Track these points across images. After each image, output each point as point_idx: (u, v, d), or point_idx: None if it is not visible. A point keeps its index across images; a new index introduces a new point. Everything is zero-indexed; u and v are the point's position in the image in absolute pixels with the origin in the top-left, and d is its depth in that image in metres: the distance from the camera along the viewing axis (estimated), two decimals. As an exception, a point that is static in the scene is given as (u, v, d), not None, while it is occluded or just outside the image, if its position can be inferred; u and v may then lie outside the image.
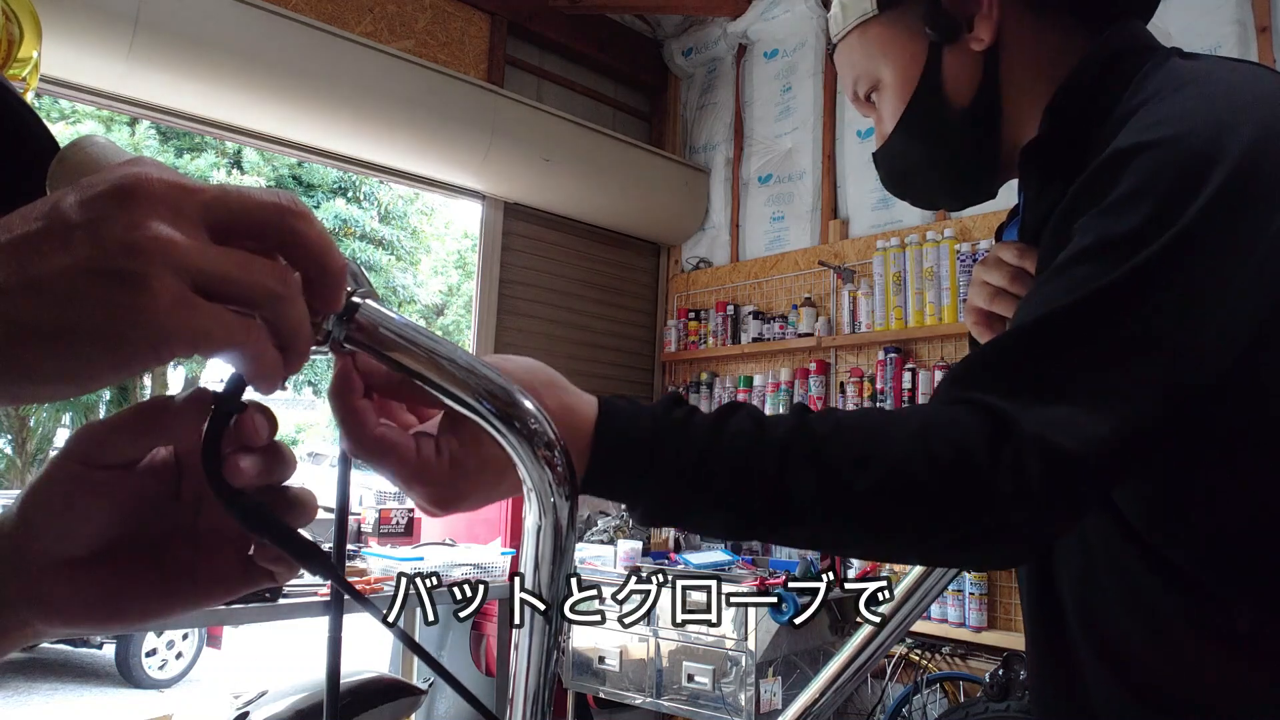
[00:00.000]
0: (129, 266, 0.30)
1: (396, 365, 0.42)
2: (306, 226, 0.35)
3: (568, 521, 0.47)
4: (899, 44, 0.86)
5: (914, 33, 0.85)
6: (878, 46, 0.87)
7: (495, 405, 0.43)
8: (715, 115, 5.13)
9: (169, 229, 0.31)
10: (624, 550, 3.09)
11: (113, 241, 0.30)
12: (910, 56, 0.85)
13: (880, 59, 0.87)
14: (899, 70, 0.86)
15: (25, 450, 12.98)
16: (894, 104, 0.87)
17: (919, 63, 0.84)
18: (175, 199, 0.32)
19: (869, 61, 0.88)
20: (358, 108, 3.75)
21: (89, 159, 0.38)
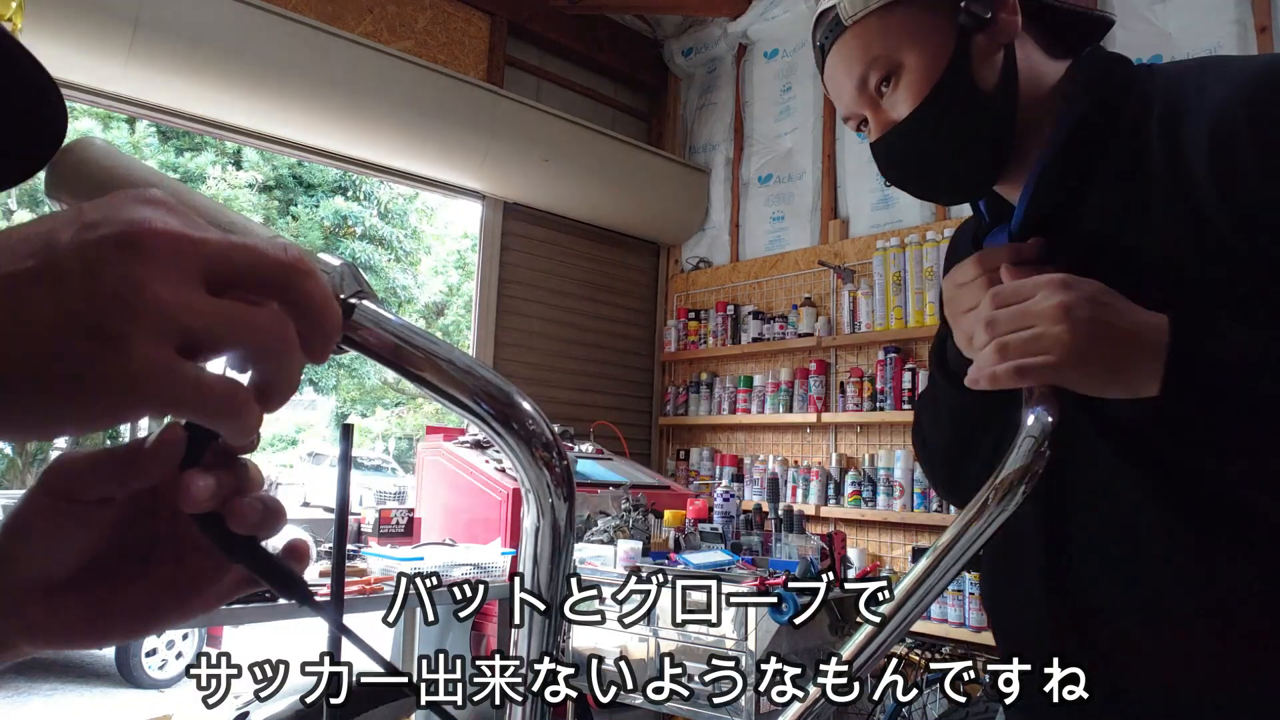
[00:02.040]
0: (115, 325, 0.29)
1: (393, 366, 0.42)
2: (312, 285, 0.34)
3: (565, 522, 0.47)
4: (927, 26, 0.86)
5: (941, 17, 0.86)
6: (904, 29, 0.87)
7: (493, 406, 0.43)
8: (715, 115, 5.13)
9: (165, 287, 0.30)
10: (624, 550, 3.09)
11: (104, 298, 0.29)
12: (940, 38, 0.86)
13: (906, 41, 0.87)
14: (929, 51, 0.86)
15: (25, 450, 12.98)
16: (919, 85, 0.87)
17: (949, 45, 0.86)
18: (178, 252, 0.31)
19: (891, 44, 0.87)
20: (358, 107, 3.75)
21: (85, 161, 0.38)
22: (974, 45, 0.86)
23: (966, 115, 0.87)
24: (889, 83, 0.89)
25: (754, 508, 3.52)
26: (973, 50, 0.86)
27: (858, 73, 0.90)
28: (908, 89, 0.88)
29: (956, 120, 0.87)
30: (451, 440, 3.82)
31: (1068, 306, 0.71)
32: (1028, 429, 0.72)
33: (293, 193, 12.59)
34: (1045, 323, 0.71)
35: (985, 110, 0.87)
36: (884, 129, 0.90)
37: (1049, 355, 0.71)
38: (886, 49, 0.88)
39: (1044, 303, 0.72)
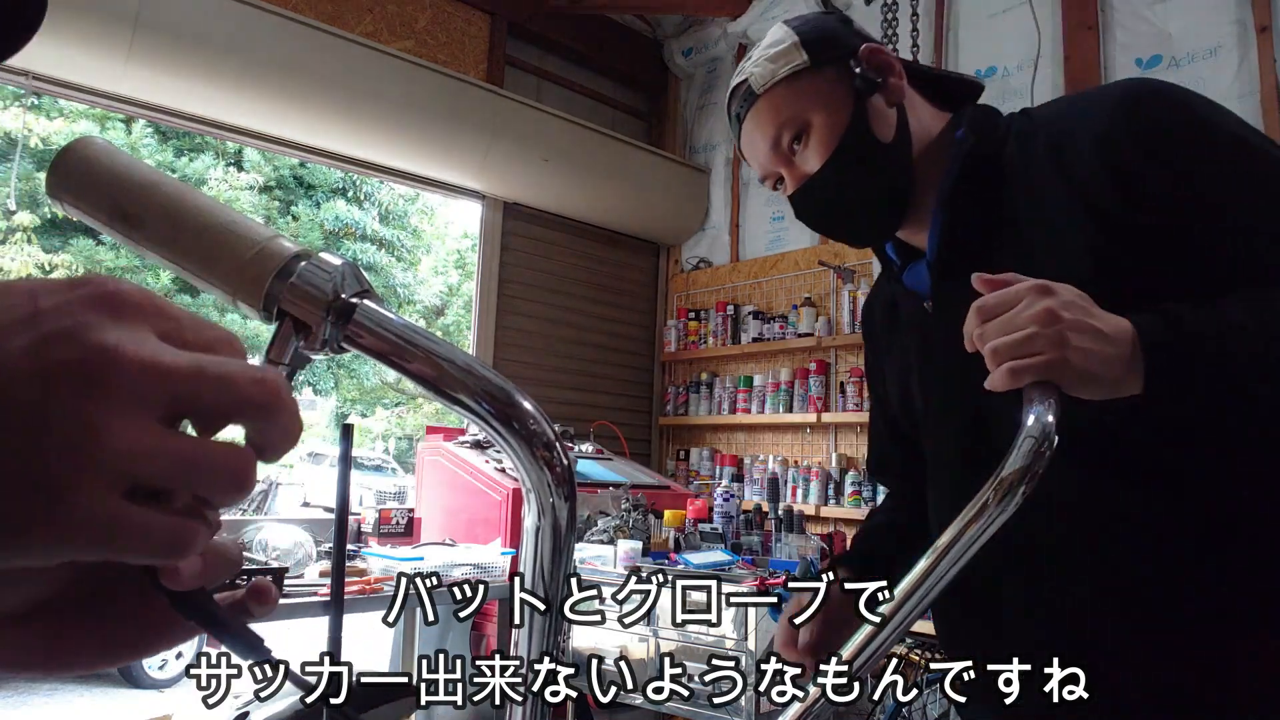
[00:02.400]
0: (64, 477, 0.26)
1: (395, 366, 0.42)
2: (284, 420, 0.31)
3: (566, 522, 0.47)
4: (829, 91, 1.00)
5: (841, 83, 1.01)
6: (809, 94, 1.00)
7: (494, 406, 0.43)
8: (715, 115, 5.13)
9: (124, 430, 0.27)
10: (624, 550, 3.09)
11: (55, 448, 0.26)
12: (841, 101, 1.00)
13: (812, 104, 1.00)
14: (832, 112, 0.99)
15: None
16: (827, 141, 0.99)
17: (849, 106, 1.00)
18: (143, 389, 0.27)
19: (800, 106, 1.00)
20: (358, 108, 3.75)
21: (87, 160, 0.38)
22: (870, 106, 1.00)
23: (870, 164, 1.00)
24: (800, 140, 1.01)
25: (754, 508, 3.53)
26: (869, 110, 1.00)
27: (771, 134, 1.02)
28: (817, 145, 1.00)
29: (861, 169, 1.00)
30: (451, 440, 3.82)
31: (1054, 310, 0.74)
32: (1028, 429, 0.72)
33: (293, 193, 12.59)
34: (1035, 325, 0.73)
35: (886, 159, 1.00)
36: (799, 182, 1.03)
37: (1042, 355, 0.73)
38: (795, 112, 1.01)
39: (1031, 308, 0.74)
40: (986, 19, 4.00)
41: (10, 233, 9.88)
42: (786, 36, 1.03)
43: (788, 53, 1.01)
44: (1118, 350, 0.75)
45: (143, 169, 0.39)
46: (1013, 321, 0.75)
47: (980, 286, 0.79)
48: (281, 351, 0.40)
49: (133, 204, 0.38)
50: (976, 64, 4.00)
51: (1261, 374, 0.78)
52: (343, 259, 0.41)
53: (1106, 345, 0.75)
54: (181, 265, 0.40)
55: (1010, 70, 3.90)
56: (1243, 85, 3.23)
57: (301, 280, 0.40)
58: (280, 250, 0.40)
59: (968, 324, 0.78)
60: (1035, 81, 3.76)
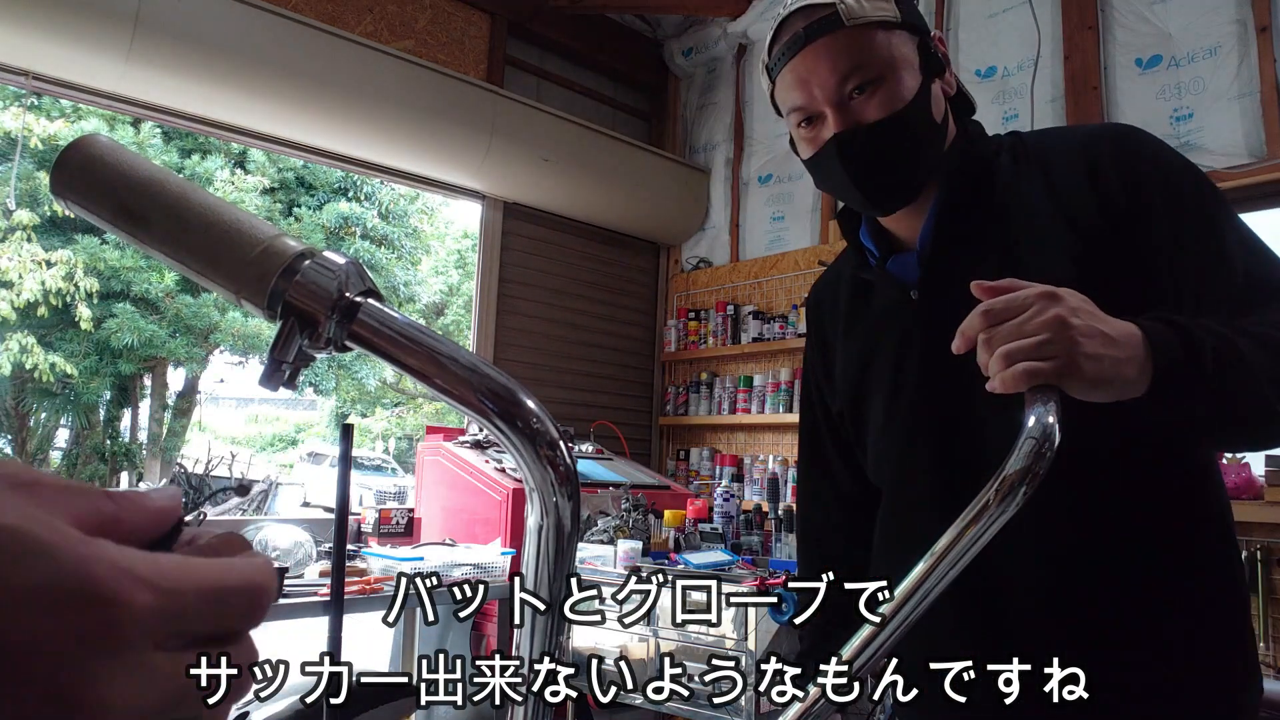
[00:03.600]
0: None
1: (398, 364, 0.42)
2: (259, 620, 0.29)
3: (570, 521, 0.47)
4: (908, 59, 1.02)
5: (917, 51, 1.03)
6: (894, 48, 1.00)
7: (498, 404, 0.43)
8: (715, 115, 5.13)
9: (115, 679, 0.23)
10: (624, 550, 3.09)
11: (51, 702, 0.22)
12: (914, 70, 1.02)
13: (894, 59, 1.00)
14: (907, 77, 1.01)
15: (25, 450, 12.97)
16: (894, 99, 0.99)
17: (919, 77, 1.02)
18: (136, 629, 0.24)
19: (883, 56, 0.99)
20: (358, 108, 3.74)
21: (91, 159, 0.38)
22: (933, 87, 1.04)
23: (920, 135, 1.02)
24: (863, 90, 1.00)
25: (754, 508, 3.52)
26: (931, 90, 1.03)
27: (844, 68, 0.99)
28: (883, 100, 0.99)
29: (913, 136, 1.02)
30: (451, 440, 3.82)
31: (1064, 316, 0.75)
32: (1029, 430, 0.72)
33: (295, 194, 12.59)
34: (1048, 331, 0.74)
35: (932, 136, 1.03)
36: (847, 125, 1.00)
37: (1056, 360, 0.74)
38: (879, 58, 0.99)
39: (1042, 314, 0.75)
40: (986, 19, 4.00)
41: (10, 231, 9.88)
42: None
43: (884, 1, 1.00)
44: (1126, 354, 0.77)
45: (147, 167, 0.39)
46: (1024, 327, 0.75)
47: (980, 293, 0.80)
48: (286, 350, 0.40)
49: (137, 202, 0.38)
50: (976, 64, 4.00)
51: (1270, 375, 0.80)
52: (347, 257, 0.41)
53: (1115, 349, 0.76)
54: (186, 263, 0.40)
55: (1010, 70, 3.90)
56: (1243, 85, 3.23)
57: (306, 278, 0.40)
58: (285, 248, 0.40)
59: (970, 325, 0.78)
60: (1035, 81, 3.76)
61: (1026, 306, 0.76)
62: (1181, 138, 3.38)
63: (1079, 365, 0.74)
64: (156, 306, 11.63)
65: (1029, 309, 0.76)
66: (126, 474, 10.79)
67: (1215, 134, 3.29)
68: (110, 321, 11.08)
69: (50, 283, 9.96)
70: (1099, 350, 0.75)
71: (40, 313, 10.17)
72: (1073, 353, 0.74)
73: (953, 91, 1.08)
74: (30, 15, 3.00)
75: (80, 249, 10.63)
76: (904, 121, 1.00)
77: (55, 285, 9.99)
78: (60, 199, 0.40)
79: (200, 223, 0.39)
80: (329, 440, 18.39)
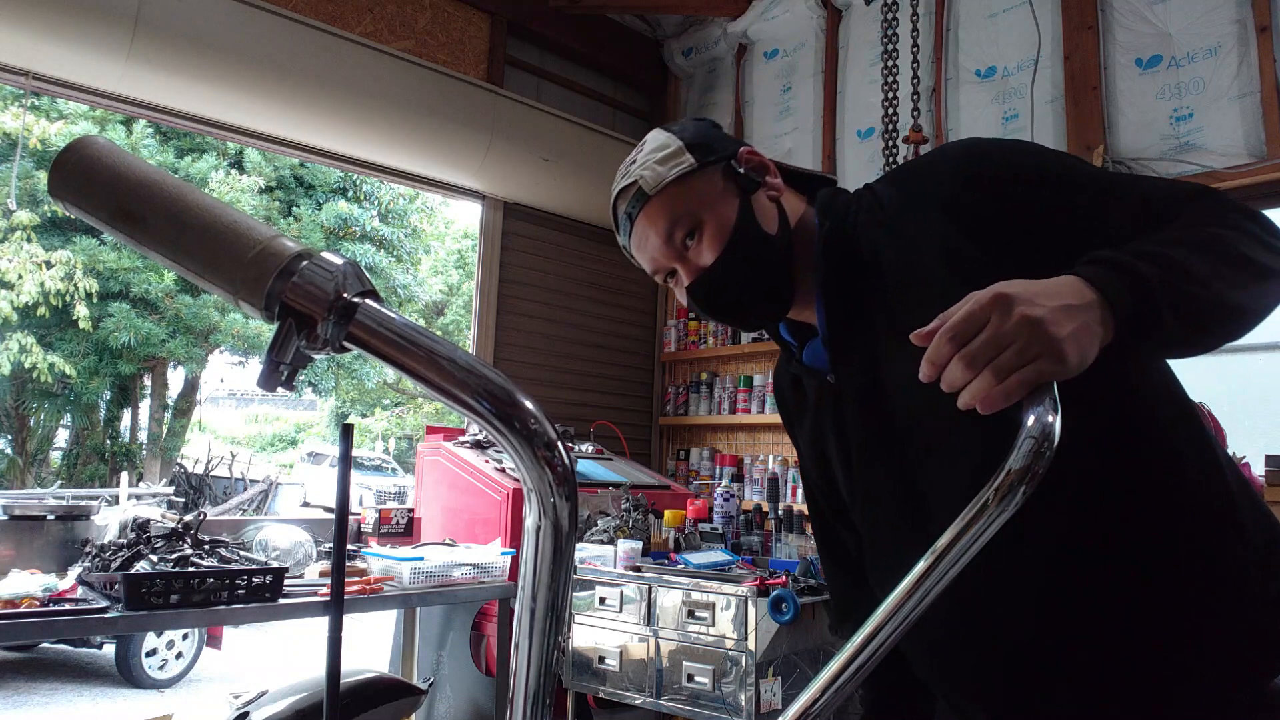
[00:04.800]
0: None
1: (396, 365, 0.42)
2: None
3: (568, 521, 0.47)
4: (717, 191, 1.08)
5: (726, 183, 1.08)
6: (699, 193, 1.07)
7: (495, 405, 0.43)
8: (715, 115, 5.12)
9: None
10: (624, 550, 3.09)
11: None
12: (729, 198, 1.07)
13: (702, 203, 1.07)
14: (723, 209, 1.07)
15: (25, 450, 12.97)
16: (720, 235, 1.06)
17: (736, 202, 1.07)
18: None
19: (692, 204, 1.07)
20: (358, 108, 3.74)
21: (87, 160, 0.38)
22: (754, 201, 1.08)
23: (759, 255, 1.07)
24: (693, 236, 1.08)
25: (754, 508, 3.52)
26: (754, 205, 1.08)
27: (665, 231, 1.08)
28: (710, 240, 1.06)
29: (752, 260, 1.07)
30: (451, 440, 3.82)
31: (1027, 312, 0.74)
32: (1028, 429, 0.72)
33: (294, 193, 12.59)
34: (1022, 333, 0.73)
35: (773, 249, 1.07)
36: (694, 274, 1.08)
37: (1042, 360, 0.73)
38: (688, 209, 1.07)
39: (1007, 320, 0.74)
40: (986, 19, 4.00)
41: (10, 231, 9.88)
42: (671, 141, 1.10)
43: (675, 155, 1.08)
44: (1089, 313, 0.76)
45: (144, 168, 0.39)
46: (998, 339, 0.74)
47: (921, 341, 0.78)
48: (283, 350, 0.39)
49: (135, 203, 0.38)
50: (976, 64, 4.00)
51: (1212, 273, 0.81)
52: (345, 258, 0.41)
53: (1080, 315, 0.76)
54: (183, 264, 0.40)
55: (1010, 70, 3.90)
56: (1243, 85, 3.23)
57: (303, 279, 0.40)
58: (282, 249, 0.40)
59: (938, 352, 0.76)
60: (1035, 81, 3.76)
61: (987, 317, 0.75)
62: (1181, 138, 3.38)
63: (1063, 353, 0.73)
64: (156, 307, 11.63)
65: (990, 319, 0.75)
66: (126, 474, 10.79)
67: (1215, 134, 3.29)
68: (108, 321, 11.09)
69: (50, 284, 9.96)
70: (1071, 327, 0.74)
71: (40, 313, 10.18)
72: (1053, 344, 0.73)
73: (781, 190, 1.11)
74: (30, 15, 3.00)
75: (79, 250, 10.63)
76: (737, 251, 1.05)
77: (54, 286, 10.00)
78: (58, 200, 0.40)
79: (197, 224, 0.39)
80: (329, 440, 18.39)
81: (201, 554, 2.65)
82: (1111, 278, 0.78)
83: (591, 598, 3.11)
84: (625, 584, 3.04)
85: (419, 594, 2.99)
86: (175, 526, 2.78)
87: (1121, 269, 0.79)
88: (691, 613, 2.84)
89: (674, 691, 2.80)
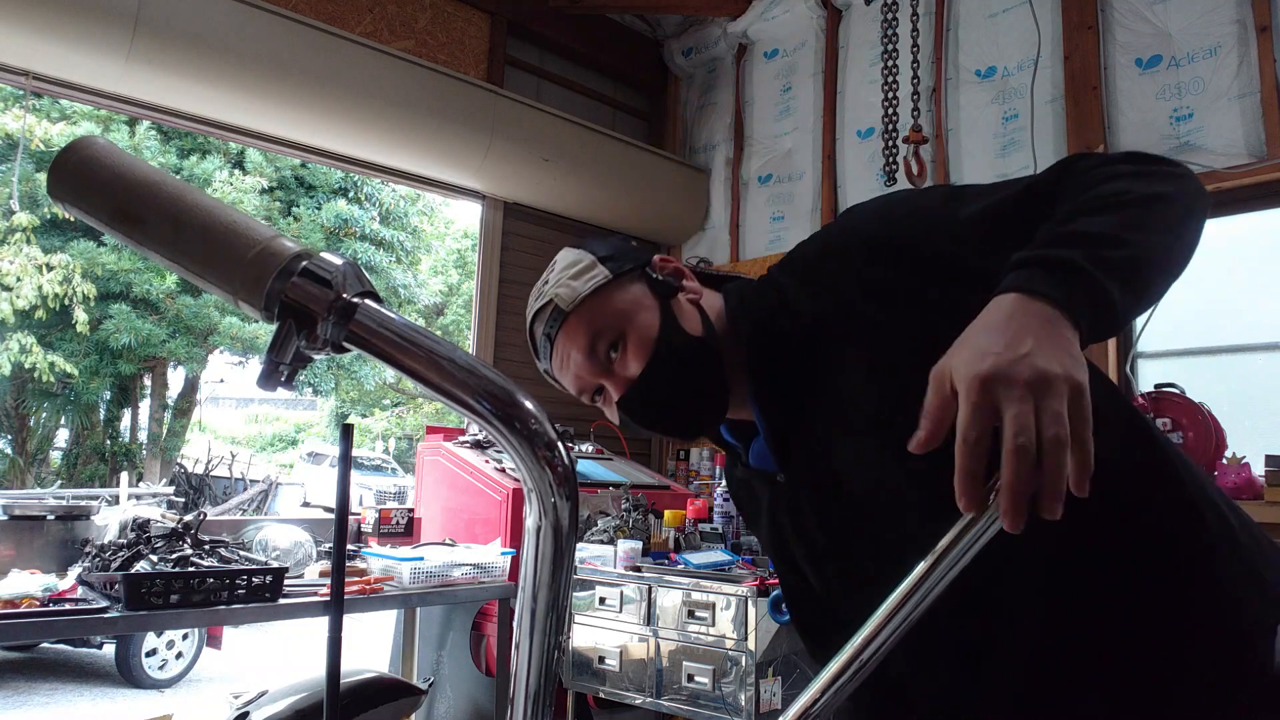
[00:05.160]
0: None
1: (396, 365, 0.42)
2: None
3: (569, 522, 0.47)
4: (635, 299, 1.05)
5: (643, 290, 1.06)
6: (617, 305, 1.05)
7: (495, 405, 0.43)
8: (715, 115, 5.13)
9: None
10: (624, 550, 3.09)
11: None
12: (649, 305, 1.05)
13: (622, 314, 1.04)
14: (643, 318, 1.04)
15: (25, 450, 12.97)
16: (644, 344, 1.03)
17: (656, 308, 1.05)
18: None
19: (612, 316, 1.04)
20: (358, 108, 3.74)
21: (87, 161, 0.38)
22: (674, 306, 1.06)
23: (688, 358, 1.03)
24: (616, 348, 1.05)
25: (754, 508, 3.52)
26: (675, 310, 1.05)
27: (587, 346, 1.05)
28: (635, 349, 1.03)
29: (682, 364, 1.03)
30: (451, 440, 3.82)
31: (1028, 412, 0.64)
32: None
33: (294, 194, 12.59)
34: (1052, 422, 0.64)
35: (701, 350, 1.04)
36: (623, 388, 1.05)
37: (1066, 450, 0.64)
38: (608, 322, 1.04)
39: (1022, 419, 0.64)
40: (986, 19, 4.00)
41: (10, 233, 9.88)
42: (583, 256, 1.09)
43: (589, 269, 1.07)
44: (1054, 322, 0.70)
45: (144, 169, 0.39)
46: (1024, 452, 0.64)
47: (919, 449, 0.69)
48: (283, 350, 0.39)
49: (134, 204, 0.38)
50: (976, 64, 4.00)
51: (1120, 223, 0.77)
52: (344, 258, 0.41)
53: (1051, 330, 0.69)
54: (183, 265, 0.40)
55: (1010, 70, 3.90)
56: (1243, 85, 3.23)
57: (303, 279, 0.40)
58: (281, 250, 0.40)
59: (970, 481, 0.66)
60: (1035, 81, 3.76)
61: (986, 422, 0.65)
62: (1181, 138, 3.37)
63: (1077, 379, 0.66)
64: (156, 307, 11.63)
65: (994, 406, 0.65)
66: (126, 474, 10.79)
67: (1215, 134, 3.29)
68: (108, 323, 11.09)
69: (48, 287, 9.97)
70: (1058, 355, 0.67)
71: (38, 315, 10.19)
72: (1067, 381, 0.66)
73: (699, 292, 1.09)
74: (30, 15, 3.00)
75: (77, 253, 10.63)
76: (665, 356, 1.02)
77: (53, 290, 10.00)
78: (57, 201, 0.40)
79: (197, 224, 0.39)
80: (329, 440, 18.40)
81: (201, 554, 2.65)
82: (1042, 276, 0.72)
83: (591, 598, 3.11)
84: (625, 584, 3.04)
85: (419, 594, 2.99)
86: (175, 526, 2.78)
87: (1049, 264, 0.73)
88: (691, 613, 2.84)
89: (674, 691, 2.80)
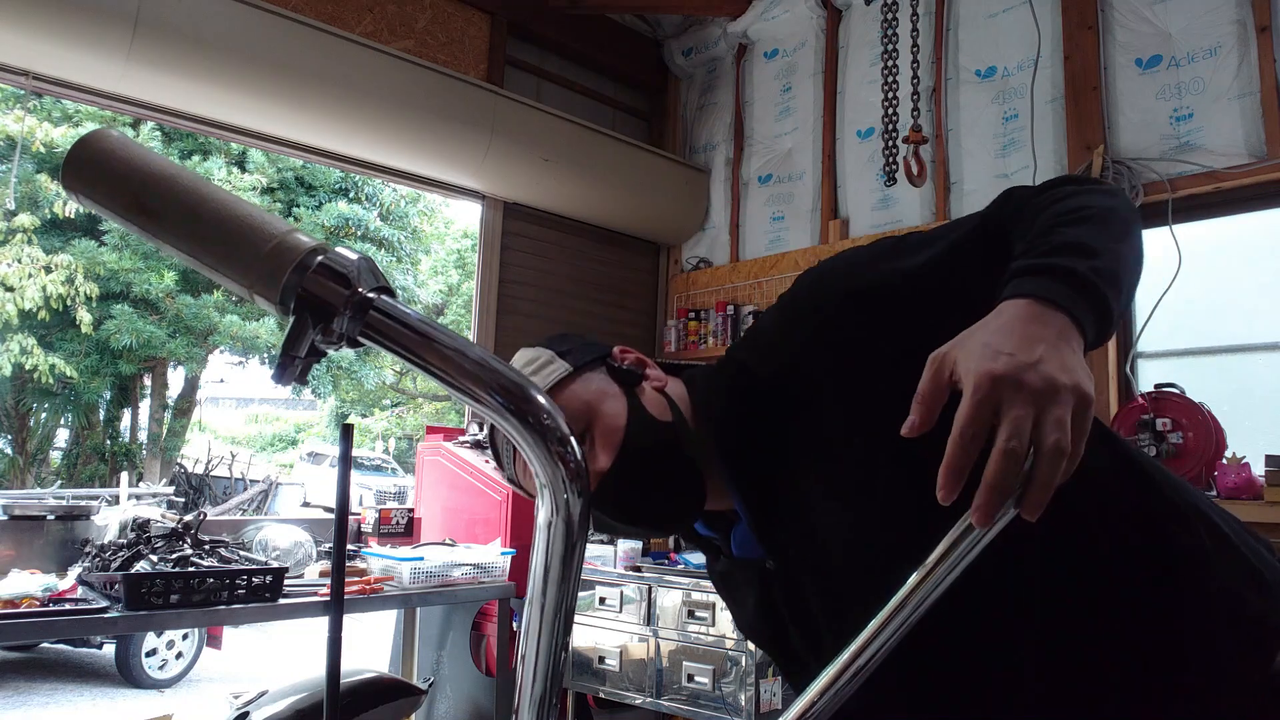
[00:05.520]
0: None
1: (411, 359, 0.42)
2: None
3: (579, 518, 0.47)
4: (599, 390, 1.02)
5: (607, 381, 1.03)
6: (582, 395, 1.01)
7: (508, 400, 0.43)
8: (715, 115, 5.13)
9: None
10: (624, 550, 3.09)
11: None
12: (614, 395, 1.02)
13: (587, 406, 1.01)
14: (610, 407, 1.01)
15: (25, 450, 12.96)
16: (612, 434, 0.99)
17: (621, 397, 1.02)
18: None
19: (576, 409, 1.01)
20: (358, 108, 3.74)
21: (103, 153, 0.37)
22: (640, 394, 1.03)
23: (659, 445, 1.00)
24: (583, 442, 1.00)
25: (754, 508, 3.52)
26: (641, 399, 1.02)
27: None
28: (604, 440, 0.99)
29: (654, 449, 1.00)
30: (451, 440, 3.82)
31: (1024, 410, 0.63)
32: None
33: (294, 193, 12.60)
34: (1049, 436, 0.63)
35: (672, 434, 1.01)
36: (595, 480, 0.99)
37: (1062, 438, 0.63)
38: (572, 415, 1.00)
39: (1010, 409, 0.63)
40: (986, 19, 4.00)
41: (10, 234, 9.87)
42: (540, 353, 1.05)
43: (547, 364, 1.03)
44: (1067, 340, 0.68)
45: (160, 161, 0.39)
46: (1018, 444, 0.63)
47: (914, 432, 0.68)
48: (298, 344, 0.39)
49: (150, 196, 0.38)
50: (976, 64, 4.01)
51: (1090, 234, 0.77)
52: (359, 254, 0.41)
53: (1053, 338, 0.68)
54: (198, 257, 0.40)
55: (1010, 70, 3.90)
56: (1243, 85, 3.24)
57: (319, 274, 0.40)
58: (298, 244, 0.40)
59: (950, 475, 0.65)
60: (1035, 81, 3.76)
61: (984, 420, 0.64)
62: (1181, 138, 3.38)
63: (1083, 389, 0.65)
64: (156, 307, 11.63)
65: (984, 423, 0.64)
66: (126, 474, 10.78)
67: (1215, 134, 3.29)
68: (109, 323, 11.08)
69: (51, 288, 9.97)
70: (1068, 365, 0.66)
71: (41, 316, 10.18)
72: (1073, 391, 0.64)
73: (664, 380, 1.06)
74: (30, 15, 3.00)
75: (78, 254, 10.63)
76: (635, 444, 0.99)
77: (56, 290, 10.00)
78: (72, 194, 0.39)
79: (214, 217, 0.39)
80: (329, 440, 18.39)
81: (201, 554, 2.65)
82: (1052, 284, 0.71)
83: (591, 597, 3.10)
84: (625, 584, 3.04)
85: (419, 594, 2.98)
86: (175, 526, 2.78)
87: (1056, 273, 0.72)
88: (691, 613, 2.84)
89: (674, 691, 2.80)
